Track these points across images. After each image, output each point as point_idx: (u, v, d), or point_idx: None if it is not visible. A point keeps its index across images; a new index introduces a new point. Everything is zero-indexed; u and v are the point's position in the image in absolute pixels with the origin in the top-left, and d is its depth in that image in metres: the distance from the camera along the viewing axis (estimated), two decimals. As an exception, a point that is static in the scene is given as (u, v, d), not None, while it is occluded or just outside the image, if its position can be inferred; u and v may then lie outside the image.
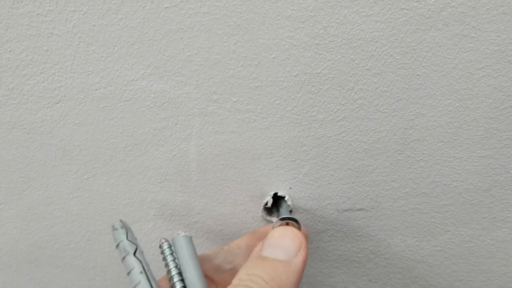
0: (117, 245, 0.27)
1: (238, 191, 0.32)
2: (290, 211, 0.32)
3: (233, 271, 0.28)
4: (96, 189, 0.32)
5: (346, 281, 0.37)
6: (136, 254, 0.26)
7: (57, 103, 0.29)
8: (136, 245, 0.26)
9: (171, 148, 0.30)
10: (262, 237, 0.30)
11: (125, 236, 0.27)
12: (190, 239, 0.28)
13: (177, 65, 0.27)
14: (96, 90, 0.28)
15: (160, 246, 0.28)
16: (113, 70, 0.27)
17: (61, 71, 0.27)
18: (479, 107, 0.28)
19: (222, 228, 0.34)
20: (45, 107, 0.29)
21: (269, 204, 0.32)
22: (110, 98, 0.28)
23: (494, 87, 0.28)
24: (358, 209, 0.33)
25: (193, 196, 0.32)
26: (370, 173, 0.31)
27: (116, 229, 0.27)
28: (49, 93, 0.28)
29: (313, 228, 0.34)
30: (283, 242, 0.25)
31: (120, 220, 0.28)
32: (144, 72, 0.27)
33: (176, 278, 0.26)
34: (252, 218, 0.33)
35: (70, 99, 0.28)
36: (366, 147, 0.30)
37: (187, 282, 0.26)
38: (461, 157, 0.30)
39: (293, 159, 0.31)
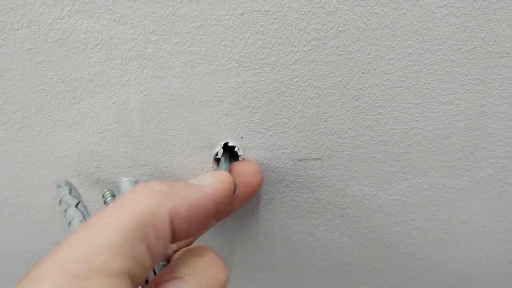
0: (60, 201, 0.26)
1: (186, 141, 0.30)
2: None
3: None
4: (30, 141, 0.29)
5: (303, 232, 0.36)
6: (78, 206, 0.25)
7: (-24, 45, 0.26)
8: (79, 199, 0.26)
9: (109, 95, 0.28)
10: None
11: (68, 192, 0.26)
12: (135, 183, 0.26)
13: (108, 1, 0.24)
14: (18, 30, 0.25)
15: (103, 196, 0.26)
16: (34, 6, 0.24)
17: (-23, 8, 0.24)
18: (440, 49, 0.26)
19: (171, 180, 0.32)
20: (-39, 50, 0.25)
21: (220, 155, 0.30)
22: (35, 39, 0.25)
23: (457, 27, 0.26)
24: (314, 159, 0.31)
25: (137, 147, 0.30)
26: (325, 120, 0.29)
27: (60, 186, 0.27)
28: (-36, 33, 0.25)
29: (267, 179, 0.32)
30: (203, 176, 0.23)
31: (65, 180, 0.28)
32: (71, 9, 0.24)
33: None
34: (203, 170, 0.31)
35: (-10, 40, 0.25)
36: (321, 92, 0.28)
37: None
38: (420, 103, 0.29)
39: (243, 107, 0.28)
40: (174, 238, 0.20)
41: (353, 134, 0.30)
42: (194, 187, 0.21)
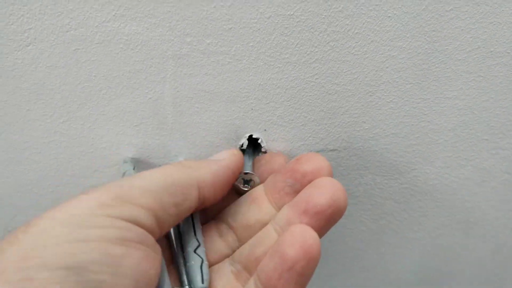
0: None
1: (214, 133, 0.32)
2: (265, 152, 0.33)
3: None
4: (73, 133, 0.32)
5: (319, 219, 0.39)
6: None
7: (27, 46, 0.28)
8: None
9: (146, 91, 0.30)
10: None
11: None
12: None
13: (149, 6, 0.27)
14: (67, 32, 0.28)
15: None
16: (83, 11, 0.27)
17: (30, 13, 0.27)
18: (447, 49, 0.29)
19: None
20: (16, 50, 0.28)
21: (245, 146, 0.33)
22: (82, 40, 0.28)
23: (462, 29, 0.28)
24: (331, 150, 0.34)
25: (169, 139, 0.33)
26: (342, 114, 0.32)
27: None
28: (19, 35, 0.28)
29: (287, 168, 0.35)
30: (220, 153, 0.29)
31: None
32: (115, 14, 0.27)
33: None
34: (228, 160, 0.34)
35: (41, 41, 0.28)
36: (339, 89, 0.31)
37: None
38: (428, 98, 0.31)
39: (267, 102, 0.31)
40: (203, 202, 0.26)
41: (367, 127, 0.33)
42: (214, 162, 0.28)
